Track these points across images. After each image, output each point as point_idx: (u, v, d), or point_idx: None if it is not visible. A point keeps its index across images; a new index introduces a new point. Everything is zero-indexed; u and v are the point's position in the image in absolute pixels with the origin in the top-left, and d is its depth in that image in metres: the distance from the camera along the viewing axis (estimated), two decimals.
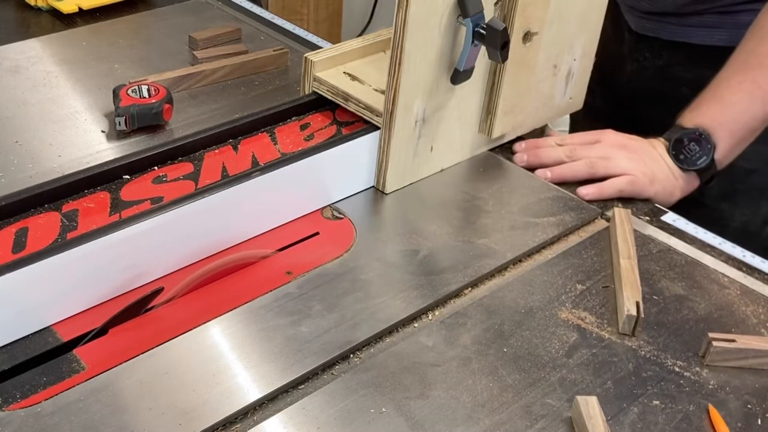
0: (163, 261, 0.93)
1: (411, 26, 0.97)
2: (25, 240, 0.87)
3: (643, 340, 0.91)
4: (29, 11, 1.42)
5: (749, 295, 0.98)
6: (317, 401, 0.81)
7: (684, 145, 1.12)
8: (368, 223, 1.04)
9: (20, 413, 0.77)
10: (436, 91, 1.05)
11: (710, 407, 0.83)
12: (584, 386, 0.85)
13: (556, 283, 0.97)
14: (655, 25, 1.35)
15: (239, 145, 1.04)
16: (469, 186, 1.11)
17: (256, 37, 1.38)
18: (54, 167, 1.04)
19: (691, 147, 1.11)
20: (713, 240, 1.06)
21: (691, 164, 1.12)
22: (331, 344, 0.86)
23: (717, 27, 1.28)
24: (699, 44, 1.31)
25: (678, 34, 1.33)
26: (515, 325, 0.91)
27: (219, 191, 0.94)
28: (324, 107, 1.12)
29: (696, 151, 1.11)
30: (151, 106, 1.11)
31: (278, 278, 0.94)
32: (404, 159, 1.07)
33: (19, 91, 1.19)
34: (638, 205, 1.11)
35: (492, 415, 0.81)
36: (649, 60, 1.38)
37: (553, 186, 1.11)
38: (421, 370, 0.85)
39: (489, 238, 1.02)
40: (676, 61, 1.35)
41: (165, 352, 0.84)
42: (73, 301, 0.87)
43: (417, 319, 0.91)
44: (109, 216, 0.91)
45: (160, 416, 0.77)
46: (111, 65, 1.27)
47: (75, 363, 0.83)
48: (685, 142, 1.12)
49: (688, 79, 1.28)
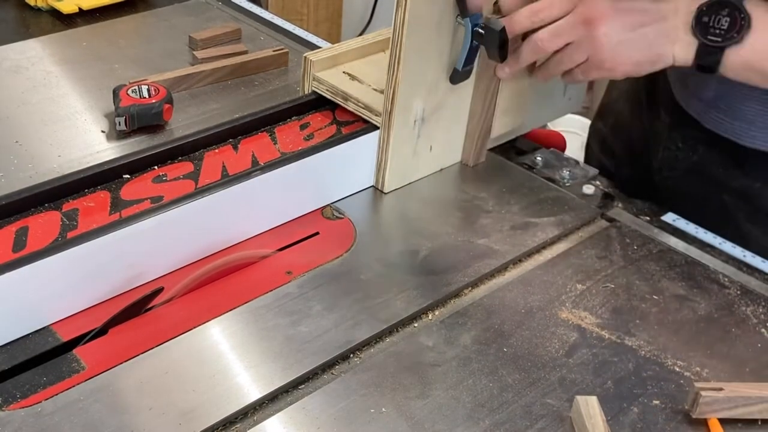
0: (163, 261, 0.93)
1: (410, 26, 0.97)
2: (26, 239, 0.87)
3: (643, 340, 0.91)
4: (29, 11, 1.42)
5: (749, 295, 0.98)
6: (317, 401, 0.81)
7: (720, 13, 0.94)
8: (368, 222, 1.04)
9: (20, 413, 0.77)
10: (435, 90, 1.05)
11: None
12: (584, 386, 0.85)
13: (556, 283, 0.97)
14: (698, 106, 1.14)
15: (239, 144, 1.04)
16: (469, 186, 1.11)
17: (256, 37, 1.38)
18: (54, 167, 1.04)
19: (722, 20, 0.94)
20: (713, 240, 1.06)
21: (704, 33, 0.96)
22: (331, 344, 0.86)
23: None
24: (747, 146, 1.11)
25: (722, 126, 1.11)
26: (515, 325, 0.91)
27: (219, 191, 0.94)
28: (324, 107, 1.12)
29: (721, 28, 0.95)
30: (151, 106, 1.11)
31: (278, 278, 0.94)
32: (404, 158, 1.07)
33: (19, 91, 1.19)
34: (638, 205, 1.11)
35: (492, 415, 0.81)
36: (682, 151, 1.19)
37: (553, 186, 1.11)
38: (421, 370, 0.85)
39: (489, 238, 1.02)
40: (713, 160, 1.15)
41: (165, 352, 0.84)
42: (73, 301, 0.87)
43: (417, 319, 0.91)
44: (110, 215, 0.91)
45: (160, 416, 0.77)
46: (111, 65, 1.27)
47: (75, 363, 0.83)
48: (724, 12, 0.94)
49: (732, 188, 1.11)
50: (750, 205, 1.13)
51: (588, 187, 1.12)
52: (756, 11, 0.95)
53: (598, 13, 0.98)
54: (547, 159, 1.17)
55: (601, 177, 1.15)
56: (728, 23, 0.95)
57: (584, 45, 1.00)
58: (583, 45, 1.00)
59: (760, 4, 0.96)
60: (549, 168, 1.15)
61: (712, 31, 0.95)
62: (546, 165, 1.16)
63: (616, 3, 0.98)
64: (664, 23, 0.98)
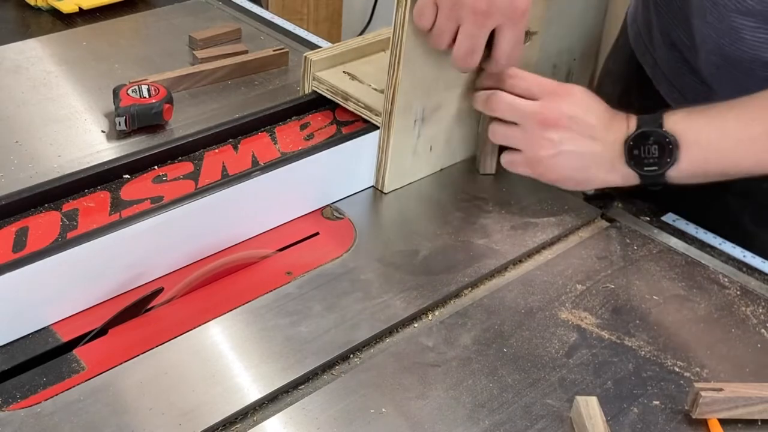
0: (163, 261, 0.93)
1: (410, 26, 0.97)
2: (26, 239, 0.87)
3: (643, 340, 0.91)
4: (29, 11, 1.42)
5: (749, 295, 0.98)
6: (317, 401, 0.81)
7: (646, 143, 0.98)
8: (368, 222, 1.04)
9: (20, 413, 0.77)
10: (435, 90, 1.05)
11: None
12: (584, 386, 0.85)
13: (556, 283, 0.97)
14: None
15: (239, 144, 1.04)
16: (469, 186, 1.11)
17: (256, 37, 1.38)
18: (54, 167, 1.04)
19: (651, 149, 0.98)
20: (713, 240, 1.06)
21: (639, 166, 0.99)
22: (331, 344, 0.86)
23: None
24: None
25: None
26: (515, 325, 0.91)
27: (219, 191, 0.94)
28: (324, 107, 1.12)
29: (653, 157, 0.98)
30: (151, 106, 1.11)
31: (278, 278, 0.94)
32: (404, 158, 1.07)
33: (19, 91, 1.19)
34: (638, 204, 1.11)
35: (492, 415, 0.81)
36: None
37: (553, 186, 1.11)
38: (421, 370, 0.85)
39: (489, 238, 1.02)
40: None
41: (165, 352, 0.84)
42: (73, 301, 0.87)
43: (417, 320, 0.91)
44: (110, 215, 0.91)
45: (160, 416, 0.77)
46: (111, 65, 1.27)
47: (75, 363, 0.83)
48: (650, 141, 0.97)
49: (736, 188, 1.07)
50: (755, 205, 1.13)
51: None
52: (678, 128, 0.97)
53: (558, 118, 1.00)
54: None
55: None
56: (658, 150, 0.97)
57: (529, 138, 1.02)
58: (529, 138, 1.02)
59: (679, 119, 0.98)
60: None
61: (646, 162, 0.98)
62: None
63: (576, 114, 1.00)
64: (605, 152, 1.00)
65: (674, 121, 0.98)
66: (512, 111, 1.02)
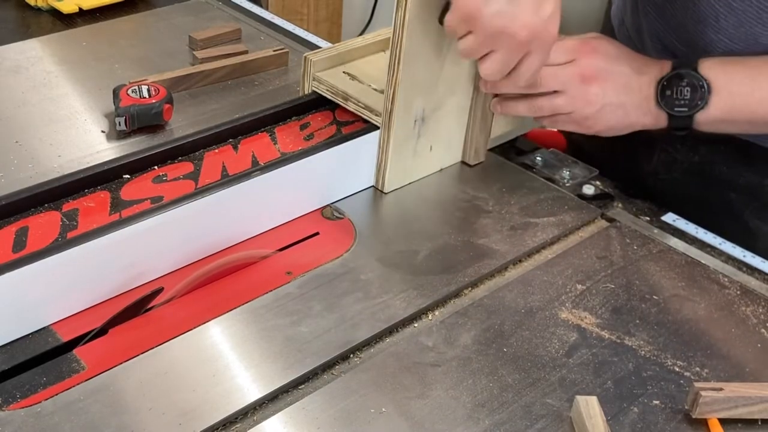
0: (163, 261, 0.93)
1: (410, 26, 0.97)
2: (26, 239, 0.87)
3: (643, 340, 0.91)
4: (29, 11, 1.42)
5: (749, 295, 0.98)
6: (317, 401, 0.81)
7: (680, 84, 0.99)
8: (368, 222, 1.04)
9: (20, 413, 0.77)
10: (435, 90, 1.05)
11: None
12: (584, 386, 0.85)
13: (556, 283, 0.97)
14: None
15: (239, 144, 1.04)
16: (469, 186, 1.11)
17: (256, 37, 1.38)
18: (54, 167, 1.04)
19: (684, 91, 0.99)
20: (713, 240, 1.06)
21: (669, 106, 1.00)
22: (331, 344, 0.86)
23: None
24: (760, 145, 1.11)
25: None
26: (515, 325, 0.91)
27: (219, 191, 0.94)
28: (324, 107, 1.12)
29: (684, 99, 0.99)
30: (151, 106, 1.11)
31: (278, 278, 0.94)
32: (404, 158, 1.07)
33: (19, 91, 1.19)
34: (638, 204, 1.11)
35: (492, 415, 0.81)
36: (681, 153, 1.18)
37: (553, 186, 1.11)
38: (421, 370, 0.85)
39: (489, 238, 1.02)
40: (717, 159, 1.15)
41: (165, 352, 0.84)
42: (73, 301, 0.87)
43: (417, 319, 0.91)
44: (110, 215, 0.91)
45: (160, 416, 0.77)
46: (111, 65, 1.27)
47: (75, 363, 0.83)
48: (683, 82, 0.99)
49: (739, 185, 1.11)
50: (758, 201, 1.13)
51: (588, 187, 1.12)
52: (711, 73, 0.99)
53: (596, 73, 1.02)
54: (546, 159, 1.17)
55: (601, 177, 1.15)
56: (690, 92, 0.99)
57: (575, 99, 1.03)
58: (575, 99, 1.03)
59: (714, 64, 1.00)
60: (549, 168, 1.15)
61: (677, 103, 1.00)
62: (546, 165, 1.16)
63: (609, 65, 1.02)
64: (638, 94, 1.02)
65: (708, 66, 1.00)
66: (554, 79, 1.03)
